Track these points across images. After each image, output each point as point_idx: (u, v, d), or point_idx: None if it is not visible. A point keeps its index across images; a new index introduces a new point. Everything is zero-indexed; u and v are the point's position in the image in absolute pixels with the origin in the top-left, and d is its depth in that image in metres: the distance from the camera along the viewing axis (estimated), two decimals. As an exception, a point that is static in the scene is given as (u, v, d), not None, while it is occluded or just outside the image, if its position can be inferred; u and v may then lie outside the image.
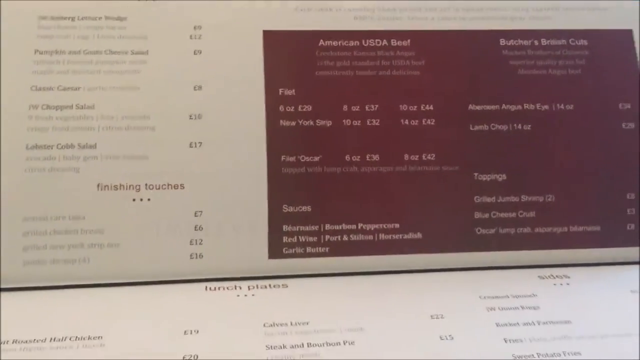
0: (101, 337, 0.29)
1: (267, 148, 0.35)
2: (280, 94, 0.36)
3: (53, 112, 0.34)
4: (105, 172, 0.34)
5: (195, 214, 0.34)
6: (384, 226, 0.36)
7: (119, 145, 0.34)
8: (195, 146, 0.35)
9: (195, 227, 0.34)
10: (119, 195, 0.34)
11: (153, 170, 0.34)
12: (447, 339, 0.31)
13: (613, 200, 0.37)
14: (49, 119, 0.34)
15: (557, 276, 0.35)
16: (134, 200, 0.34)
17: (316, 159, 0.35)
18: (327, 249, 0.35)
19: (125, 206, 0.34)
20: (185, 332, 0.30)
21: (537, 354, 0.30)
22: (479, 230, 0.36)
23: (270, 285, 0.34)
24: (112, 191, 0.34)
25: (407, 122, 0.36)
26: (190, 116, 0.35)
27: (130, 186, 0.34)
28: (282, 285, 0.34)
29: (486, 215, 0.36)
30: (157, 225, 0.34)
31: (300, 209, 0.35)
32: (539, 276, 0.35)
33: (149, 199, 0.34)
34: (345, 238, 0.35)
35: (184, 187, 0.34)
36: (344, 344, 0.30)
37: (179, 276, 0.34)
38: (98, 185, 0.34)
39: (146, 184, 0.34)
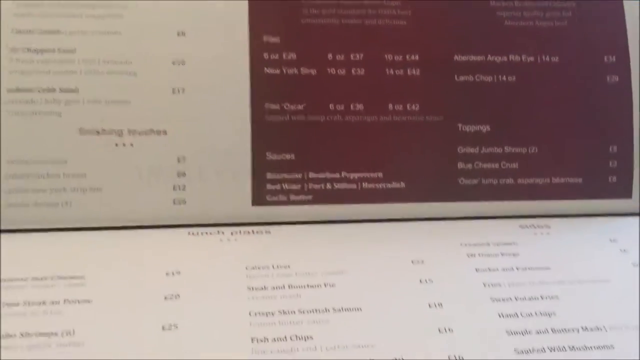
0: (83, 277, 0.30)
1: (250, 95, 0.35)
2: (264, 41, 0.35)
3: (34, 56, 0.34)
4: (87, 116, 0.34)
5: (178, 160, 0.34)
6: (368, 175, 0.36)
7: (100, 89, 0.34)
8: (178, 92, 0.34)
9: (178, 173, 0.34)
10: (101, 140, 0.34)
11: (135, 116, 0.34)
12: (426, 282, 0.31)
13: (596, 152, 0.37)
14: (30, 63, 0.34)
15: (537, 226, 0.36)
16: (116, 145, 0.34)
17: (300, 107, 0.35)
18: (310, 197, 0.35)
19: (107, 151, 0.34)
20: (166, 273, 0.30)
21: (514, 297, 0.31)
22: (461, 181, 0.36)
23: (253, 232, 0.34)
24: (94, 136, 0.34)
25: (392, 71, 0.36)
26: (173, 62, 0.34)
27: (112, 131, 0.34)
28: (265, 231, 0.34)
29: (469, 166, 0.36)
30: (139, 171, 0.34)
31: (283, 156, 0.35)
32: (520, 226, 0.36)
33: (131, 144, 0.34)
34: (328, 186, 0.35)
35: (166, 133, 0.34)
36: (325, 286, 0.31)
37: (161, 221, 0.34)
38: (80, 130, 0.33)
39: (128, 129, 0.34)
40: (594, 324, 0.29)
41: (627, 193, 0.37)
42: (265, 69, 0.35)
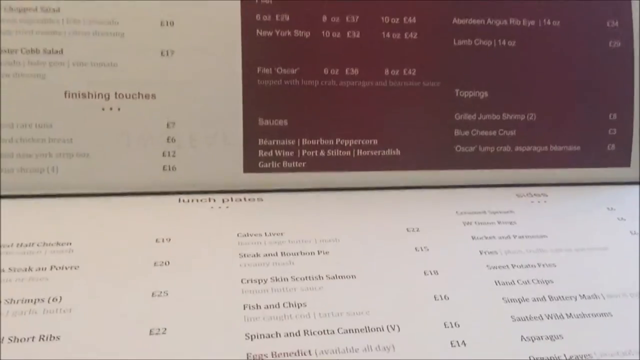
0: (70, 244, 0.29)
1: (242, 58, 0.34)
2: (257, 2, 0.34)
3: (16, 15, 0.32)
4: (73, 79, 0.32)
5: (168, 125, 0.33)
6: (362, 142, 0.35)
7: (86, 51, 0.32)
8: (167, 54, 0.33)
9: (168, 139, 0.33)
10: (87, 104, 0.32)
11: (123, 79, 0.33)
12: (422, 250, 0.31)
13: (595, 120, 0.36)
14: (12, 22, 0.32)
15: (535, 194, 0.35)
16: (103, 109, 0.33)
17: (293, 71, 0.34)
18: (303, 164, 0.34)
19: (94, 115, 0.33)
20: (156, 240, 0.30)
21: (511, 265, 0.30)
22: (458, 148, 0.36)
23: (245, 199, 0.33)
24: (80, 99, 0.32)
25: (388, 35, 0.35)
26: (162, 23, 0.33)
27: (99, 94, 0.33)
28: (258, 199, 0.33)
29: (466, 133, 0.36)
30: (127, 136, 0.33)
31: (276, 122, 0.34)
32: (517, 194, 0.35)
33: (118, 109, 0.33)
34: (322, 153, 0.34)
35: (155, 97, 0.33)
36: (319, 253, 0.30)
37: (151, 188, 0.33)
38: (65, 93, 0.32)
39: (116, 93, 0.33)
40: (591, 292, 0.29)
41: (625, 161, 0.37)
42: (258, 31, 0.34)
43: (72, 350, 0.24)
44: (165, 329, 0.25)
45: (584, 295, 0.29)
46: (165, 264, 0.28)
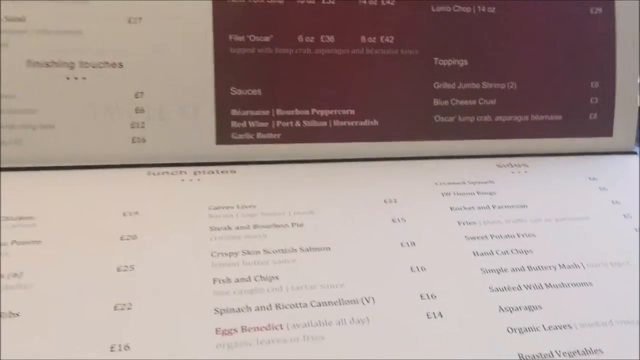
0: (32, 218, 0.28)
1: (213, 26, 0.32)
2: (227, -34, 0.33)
3: (-27, -20, 0.31)
4: (36, 47, 0.31)
5: (136, 95, 0.32)
6: (339, 112, 0.34)
7: (49, 18, 0.31)
8: (135, 22, 0.32)
9: (136, 110, 0.32)
10: (51, 73, 0.31)
11: (88, 47, 0.31)
12: (398, 221, 0.30)
13: (576, 88, 0.36)
14: (-31, -12, 0.31)
15: (515, 165, 0.34)
16: (67, 78, 0.31)
17: (267, 39, 0.33)
18: (278, 135, 0.33)
19: (59, 85, 0.31)
20: (123, 213, 0.28)
21: (490, 235, 0.29)
22: (437, 118, 0.35)
23: (217, 172, 0.32)
24: (43, 68, 0.31)
25: (365, 1, 0.34)
26: (129, -12, 0.32)
27: (63, 63, 0.31)
28: (231, 171, 0.32)
29: (445, 103, 0.35)
30: (94, 107, 0.31)
31: (249, 92, 0.33)
32: (497, 165, 0.34)
33: (84, 78, 0.31)
34: (297, 124, 0.33)
35: (122, 66, 0.32)
36: (292, 226, 0.29)
37: (119, 161, 0.32)
38: (28, 62, 0.31)
39: (81, 62, 0.31)
40: (571, 262, 0.28)
41: (607, 131, 0.36)
42: (229, -4, 0.33)
43: (32, 327, 0.23)
44: (131, 304, 0.24)
45: (563, 265, 0.28)
46: (132, 238, 0.27)
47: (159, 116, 0.32)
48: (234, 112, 0.33)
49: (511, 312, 0.26)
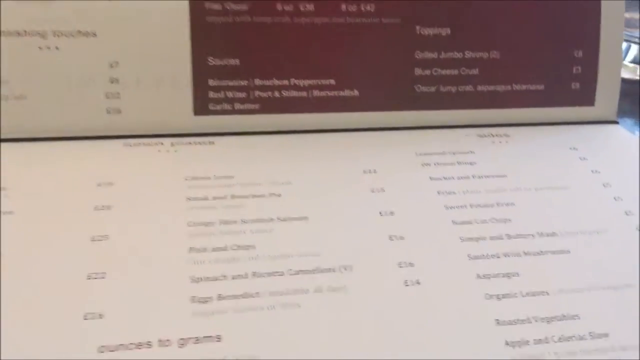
0: (5, 189, 0.27)
1: (189, -7, 0.32)
2: None
3: (-61, -55, 0.30)
4: (6, 16, 0.30)
5: (111, 65, 0.31)
6: (319, 82, 0.33)
7: (19, -15, 0.30)
8: (108, -11, 0.31)
9: (111, 80, 0.31)
10: (22, 43, 0.30)
11: (60, 15, 0.30)
12: (378, 191, 0.29)
13: (560, 57, 0.35)
14: None
15: (496, 135, 0.34)
16: (40, 48, 0.31)
17: (244, 7, 0.32)
18: (257, 105, 0.33)
19: (31, 55, 0.30)
20: (98, 184, 0.28)
21: (469, 204, 0.29)
22: (418, 88, 0.34)
23: (195, 143, 0.32)
24: (14, 37, 0.30)
25: (344, -32, 0.33)
26: (101, -46, 0.31)
27: (35, 33, 0.30)
28: (209, 142, 0.32)
29: (427, 72, 0.34)
30: (68, 77, 0.31)
31: (227, 61, 0.32)
32: (478, 135, 0.34)
33: (57, 48, 0.31)
34: (276, 94, 0.33)
35: (95, 35, 0.31)
36: (270, 196, 0.29)
37: (93, 132, 0.31)
38: (-2, 31, 0.30)
39: (53, 31, 0.31)
40: (550, 230, 0.28)
41: (589, 101, 0.36)
42: (205, -37, 0.32)
43: (4, 296, 0.23)
44: (105, 273, 0.24)
45: (542, 233, 0.28)
46: (107, 208, 0.27)
47: (134, 86, 0.31)
48: (212, 82, 0.32)
49: (489, 279, 0.26)
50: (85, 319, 0.22)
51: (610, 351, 0.24)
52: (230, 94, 0.32)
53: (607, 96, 0.36)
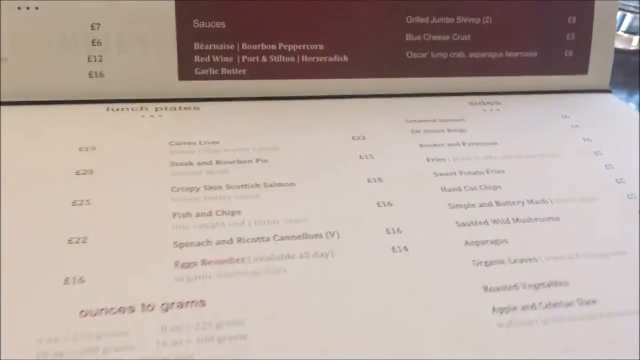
0: (-17, 153, 0.26)
1: (173, -48, 0.31)
2: None
3: None
4: (-18, -26, 0.29)
5: (92, 26, 0.30)
6: (307, 47, 0.32)
7: (-5, -58, 0.29)
8: (89, -53, 0.30)
9: (93, 42, 0.30)
10: (1, 4, 0.29)
11: (39, -26, 0.30)
12: (366, 157, 0.29)
13: (553, 24, 0.35)
14: None
15: (487, 102, 0.34)
16: (19, 8, 0.29)
17: (231, -32, 0.31)
18: (243, 70, 0.32)
19: (10, 16, 0.29)
20: (80, 148, 0.27)
21: (459, 171, 0.29)
22: (409, 54, 0.34)
23: (180, 108, 0.31)
24: (-9, -3, 0.29)
25: None
26: None
27: (13, -8, 0.29)
28: (194, 108, 0.31)
29: (418, 38, 0.33)
30: (48, 39, 0.30)
31: (213, 24, 0.31)
32: (469, 102, 0.34)
33: (36, 8, 0.30)
34: (264, 59, 0.32)
35: (77, -5, 0.30)
36: (256, 162, 0.28)
37: (75, 96, 0.30)
38: (-26, -10, 0.29)
39: (32, -9, 0.30)
40: (539, 197, 0.28)
41: (583, 69, 0.35)
42: None
43: (-19, 260, 0.22)
44: (86, 237, 0.23)
45: (531, 200, 0.28)
46: (89, 172, 0.26)
47: (117, 49, 0.31)
48: (197, 45, 0.31)
49: (477, 245, 0.25)
50: (65, 284, 0.22)
51: (599, 317, 0.23)
52: (216, 58, 0.32)
53: (600, 64, 0.35)
